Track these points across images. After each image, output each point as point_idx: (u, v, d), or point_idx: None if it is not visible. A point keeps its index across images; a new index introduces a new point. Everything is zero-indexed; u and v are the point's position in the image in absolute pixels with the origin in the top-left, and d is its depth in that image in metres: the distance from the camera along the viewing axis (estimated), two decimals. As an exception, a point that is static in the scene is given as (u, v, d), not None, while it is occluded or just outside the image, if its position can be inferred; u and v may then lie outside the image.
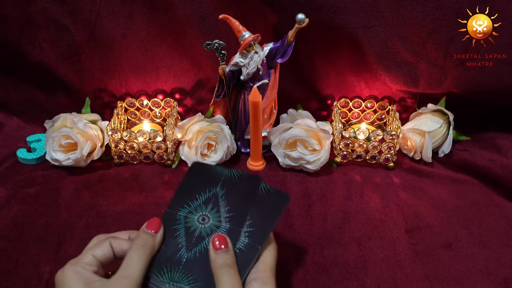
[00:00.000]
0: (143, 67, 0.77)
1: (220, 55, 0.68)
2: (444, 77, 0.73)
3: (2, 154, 0.77)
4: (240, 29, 0.67)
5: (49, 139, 0.72)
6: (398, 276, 0.55)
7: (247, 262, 0.46)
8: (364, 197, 0.68)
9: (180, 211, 0.50)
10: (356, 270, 0.56)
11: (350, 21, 0.69)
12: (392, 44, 0.71)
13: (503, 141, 0.75)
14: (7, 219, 0.63)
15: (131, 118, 0.80)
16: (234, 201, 0.51)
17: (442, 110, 0.75)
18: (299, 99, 0.80)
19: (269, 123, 0.76)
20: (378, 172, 0.73)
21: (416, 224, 0.63)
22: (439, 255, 0.58)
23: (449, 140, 0.74)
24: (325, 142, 0.71)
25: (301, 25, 0.65)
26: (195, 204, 0.51)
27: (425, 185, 0.70)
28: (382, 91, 0.78)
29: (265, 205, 0.51)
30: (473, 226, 0.62)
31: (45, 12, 0.73)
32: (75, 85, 0.79)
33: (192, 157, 0.71)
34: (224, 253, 0.46)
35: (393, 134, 0.70)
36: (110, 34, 0.74)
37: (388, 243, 0.60)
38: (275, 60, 0.70)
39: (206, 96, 0.80)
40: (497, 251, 0.59)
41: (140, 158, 0.74)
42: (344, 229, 0.62)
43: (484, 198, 0.67)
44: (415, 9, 0.67)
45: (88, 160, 0.72)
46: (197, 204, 0.51)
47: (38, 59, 0.76)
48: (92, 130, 0.73)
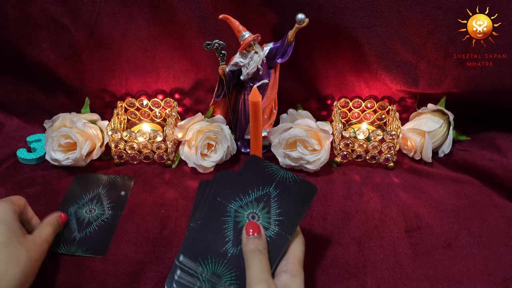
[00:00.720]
0: (143, 67, 0.77)
1: (220, 55, 0.68)
2: (444, 77, 0.73)
3: (2, 154, 0.77)
4: (240, 29, 0.67)
5: (48, 139, 0.72)
6: (398, 276, 0.55)
7: (277, 250, 0.47)
8: (364, 197, 0.68)
9: (232, 203, 0.50)
10: (356, 270, 0.56)
11: (350, 21, 0.69)
12: (392, 44, 0.71)
13: (503, 141, 0.75)
14: (7, 219, 0.63)
15: (131, 118, 0.80)
16: (285, 205, 0.51)
17: (442, 110, 0.75)
18: (299, 99, 0.80)
19: (269, 123, 0.76)
20: (378, 172, 0.73)
21: (416, 224, 0.63)
22: (439, 255, 0.58)
23: (449, 140, 0.74)
24: (325, 142, 0.71)
25: (301, 25, 0.65)
26: (247, 200, 0.51)
27: (425, 185, 0.70)
28: (382, 91, 0.78)
29: (293, 195, 0.51)
30: (473, 226, 0.62)
31: (45, 12, 0.73)
32: (75, 85, 0.79)
33: (192, 157, 0.71)
34: (255, 238, 0.47)
35: (393, 134, 0.70)
36: (110, 34, 0.74)
37: (388, 243, 0.60)
38: (275, 60, 0.70)
39: (206, 96, 0.80)
40: (497, 251, 0.59)
41: (140, 158, 0.74)
42: (344, 229, 0.62)
43: (484, 198, 0.67)
44: (415, 9, 0.67)
45: (87, 160, 0.72)
46: (249, 200, 0.51)
47: (38, 59, 0.76)
48: (92, 129, 0.73)
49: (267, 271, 0.45)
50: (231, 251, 0.47)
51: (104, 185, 0.70)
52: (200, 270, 0.46)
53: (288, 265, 0.46)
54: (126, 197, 0.67)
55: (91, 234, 0.61)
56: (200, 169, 0.72)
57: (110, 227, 0.62)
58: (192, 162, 0.72)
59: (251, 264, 0.45)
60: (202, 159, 0.71)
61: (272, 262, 0.46)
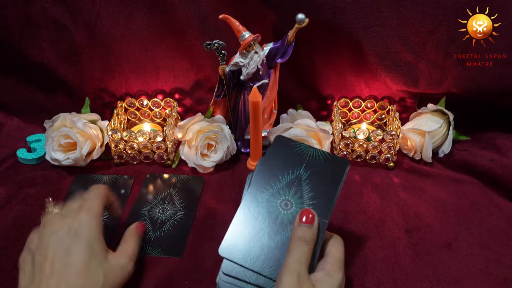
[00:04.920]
0: (143, 67, 0.77)
1: (220, 55, 0.68)
2: (444, 77, 0.73)
3: (2, 154, 0.77)
4: (240, 29, 0.67)
5: (48, 139, 0.72)
6: (398, 276, 0.55)
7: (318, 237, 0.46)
8: (364, 197, 0.68)
9: (263, 192, 0.49)
10: (356, 270, 0.56)
11: (350, 21, 0.69)
12: (392, 44, 0.71)
13: (503, 141, 0.75)
14: (7, 219, 0.63)
15: (131, 118, 0.80)
16: (318, 187, 0.48)
17: (442, 110, 0.75)
18: (299, 99, 0.80)
19: (269, 123, 0.76)
20: (378, 172, 0.73)
21: (416, 224, 0.63)
22: (439, 255, 0.58)
23: (449, 140, 0.74)
24: (325, 142, 0.71)
25: (301, 25, 0.65)
26: (278, 187, 0.49)
27: (425, 185, 0.70)
28: (382, 91, 0.78)
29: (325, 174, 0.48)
30: (473, 226, 0.62)
31: (45, 12, 0.73)
32: (75, 85, 0.79)
33: (192, 157, 0.71)
34: (306, 227, 0.46)
35: (393, 134, 0.70)
36: (110, 34, 0.74)
37: (388, 243, 0.60)
38: (275, 60, 0.70)
39: (206, 96, 0.80)
40: (497, 251, 0.59)
41: (140, 158, 0.74)
42: (344, 229, 0.62)
43: (484, 198, 0.67)
44: (415, 9, 0.67)
45: (87, 160, 0.72)
46: (280, 187, 0.49)
47: (38, 59, 0.76)
48: (92, 129, 0.73)
49: (305, 263, 0.44)
50: (268, 244, 0.46)
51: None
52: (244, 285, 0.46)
53: (326, 265, 0.46)
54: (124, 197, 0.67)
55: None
56: (200, 169, 0.72)
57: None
58: (192, 162, 0.72)
59: (291, 252, 0.44)
60: (202, 159, 0.71)
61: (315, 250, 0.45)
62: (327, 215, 0.47)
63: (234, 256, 0.46)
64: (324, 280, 0.44)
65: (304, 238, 0.45)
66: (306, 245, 0.45)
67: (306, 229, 0.46)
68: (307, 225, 0.46)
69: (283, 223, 0.47)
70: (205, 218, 0.64)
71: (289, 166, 0.50)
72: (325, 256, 0.47)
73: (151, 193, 0.68)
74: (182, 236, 0.61)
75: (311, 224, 0.46)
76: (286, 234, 0.47)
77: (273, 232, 0.47)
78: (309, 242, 0.45)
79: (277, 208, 0.48)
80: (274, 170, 0.50)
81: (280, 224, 0.47)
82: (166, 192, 0.68)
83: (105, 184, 0.61)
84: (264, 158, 0.51)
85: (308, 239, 0.45)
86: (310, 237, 0.46)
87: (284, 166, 0.50)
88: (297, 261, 0.44)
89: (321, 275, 0.45)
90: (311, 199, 0.48)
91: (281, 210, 0.48)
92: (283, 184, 0.49)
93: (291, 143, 0.51)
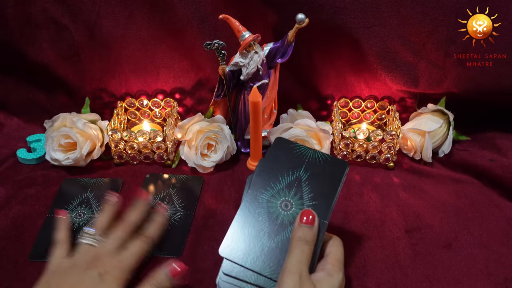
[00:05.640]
0: (143, 67, 0.77)
1: (220, 55, 0.68)
2: (444, 77, 0.73)
3: (2, 154, 0.77)
4: (240, 29, 0.67)
5: (48, 139, 0.72)
6: (398, 276, 0.55)
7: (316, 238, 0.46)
8: (364, 197, 0.68)
9: (263, 193, 0.49)
10: (356, 270, 0.56)
11: (350, 21, 0.69)
12: (392, 44, 0.71)
13: (503, 141, 0.75)
14: (7, 219, 0.63)
15: (131, 118, 0.80)
16: (317, 188, 0.49)
17: (442, 110, 0.75)
18: (299, 99, 0.80)
19: (269, 123, 0.76)
20: (378, 172, 0.73)
21: (416, 224, 0.63)
22: (439, 255, 0.58)
23: (449, 140, 0.74)
24: (325, 142, 0.71)
25: (301, 25, 0.65)
26: (278, 187, 0.49)
27: (425, 185, 0.70)
28: (382, 91, 0.78)
29: (324, 176, 0.49)
30: (473, 226, 0.62)
31: (45, 12, 0.73)
32: (75, 85, 0.79)
33: (192, 157, 0.71)
34: (306, 228, 0.46)
35: (393, 134, 0.70)
36: (110, 34, 0.74)
37: (388, 243, 0.60)
38: (275, 60, 0.70)
39: (206, 96, 0.80)
40: (497, 251, 0.59)
41: (140, 158, 0.74)
42: (344, 229, 0.62)
43: (484, 198, 0.67)
44: (415, 9, 0.67)
45: (87, 160, 0.72)
46: (280, 188, 0.49)
47: (38, 59, 0.76)
48: (92, 129, 0.73)
49: (306, 263, 0.44)
50: (268, 244, 0.46)
51: (92, 189, 0.69)
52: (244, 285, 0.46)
53: (327, 265, 0.46)
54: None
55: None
56: (200, 169, 0.72)
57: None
58: (192, 162, 0.72)
59: (292, 252, 0.45)
60: (202, 159, 0.71)
61: (315, 250, 0.46)
62: (327, 216, 0.48)
63: (234, 256, 0.47)
64: (324, 280, 0.44)
65: (304, 238, 0.46)
66: (307, 245, 0.45)
67: (306, 230, 0.46)
68: (308, 226, 0.46)
69: (283, 223, 0.47)
70: (205, 218, 0.64)
71: (289, 168, 0.50)
72: (325, 257, 0.47)
73: (150, 193, 0.68)
74: (182, 236, 0.61)
75: (312, 224, 0.46)
76: (286, 234, 0.47)
77: (273, 232, 0.47)
78: (310, 243, 0.46)
79: (277, 208, 0.48)
80: (274, 171, 0.50)
81: (280, 225, 0.47)
82: (165, 192, 0.68)
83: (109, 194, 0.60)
84: (264, 160, 0.51)
85: (308, 239, 0.46)
86: (311, 238, 0.46)
87: (284, 167, 0.50)
88: (298, 262, 0.44)
89: (321, 275, 0.45)
90: (311, 200, 0.48)
91: (281, 211, 0.48)
92: (283, 185, 0.49)
93: (291, 145, 0.52)
